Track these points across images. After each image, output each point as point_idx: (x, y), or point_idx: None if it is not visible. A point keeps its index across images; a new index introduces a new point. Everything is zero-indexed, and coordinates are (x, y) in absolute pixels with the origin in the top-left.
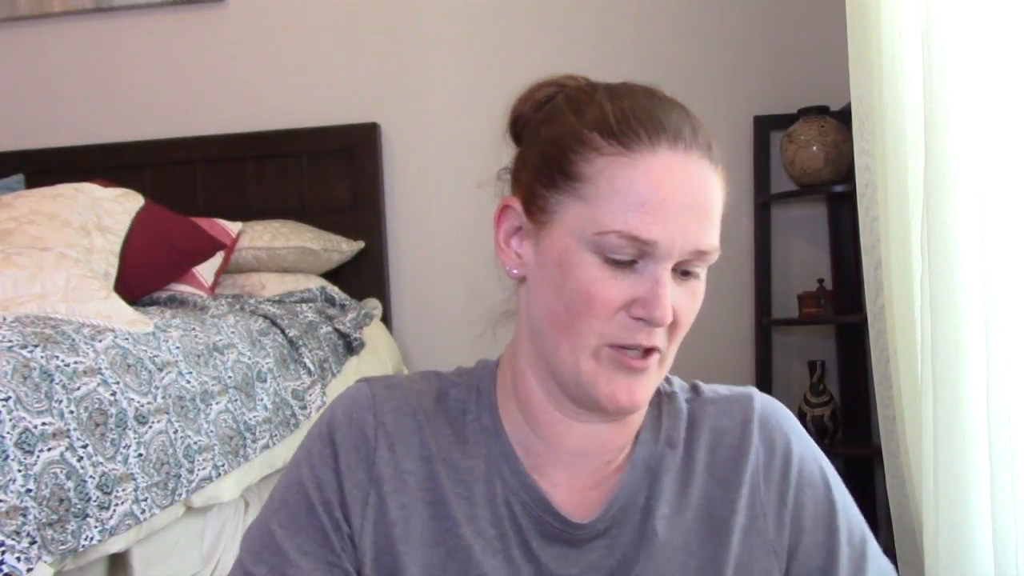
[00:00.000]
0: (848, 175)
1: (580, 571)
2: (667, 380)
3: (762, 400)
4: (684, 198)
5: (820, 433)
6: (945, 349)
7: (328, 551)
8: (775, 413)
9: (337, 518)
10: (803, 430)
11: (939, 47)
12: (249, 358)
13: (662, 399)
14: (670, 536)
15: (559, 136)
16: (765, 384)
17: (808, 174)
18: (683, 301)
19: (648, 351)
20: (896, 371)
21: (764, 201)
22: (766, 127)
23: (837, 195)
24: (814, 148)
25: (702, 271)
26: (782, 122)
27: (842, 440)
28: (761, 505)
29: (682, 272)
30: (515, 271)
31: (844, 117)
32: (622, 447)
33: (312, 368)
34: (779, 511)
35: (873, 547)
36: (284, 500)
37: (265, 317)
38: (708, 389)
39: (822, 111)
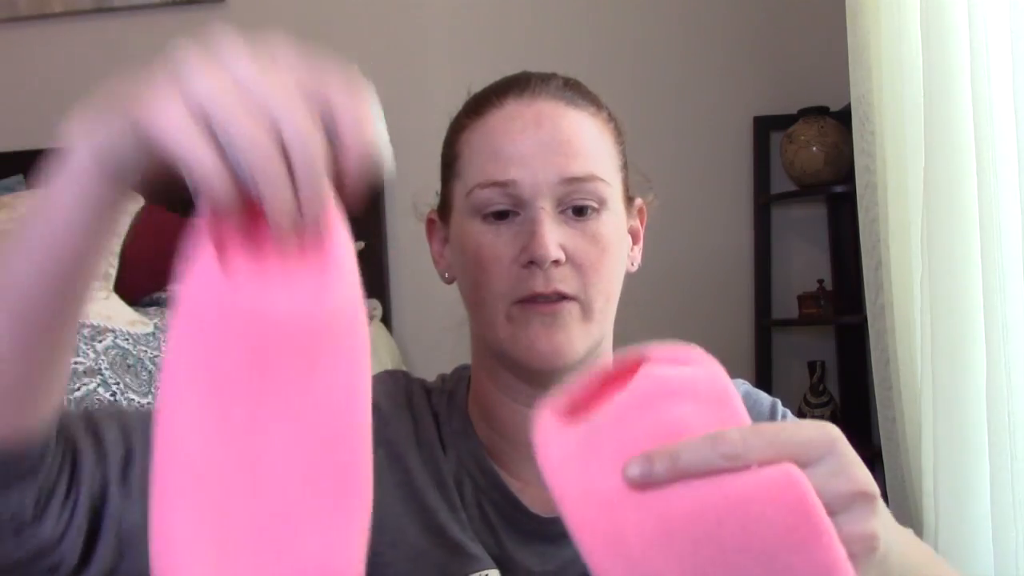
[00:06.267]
0: (848, 175)
1: (556, 568)
2: None
3: (744, 387)
4: (535, 136)
5: None
6: (945, 349)
7: None
8: (758, 398)
9: None
10: (790, 412)
11: (939, 47)
12: None
13: None
14: None
15: (446, 136)
16: (765, 384)
17: (808, 175)
18: (578, 242)
19: (560, 298)
20: (896, 371)
21: (764, 202)
22: (766, 127)
23: (837, 195)
24: (814, 148)
25: (600, 211)
26: (782, 122)
27: None
28: None
29: (573, 211)
30: (445, 274)
31: (844, 117)
32: None
33: None
34: None
35: None
36: None
37: None
38: None
39: (822, 111)
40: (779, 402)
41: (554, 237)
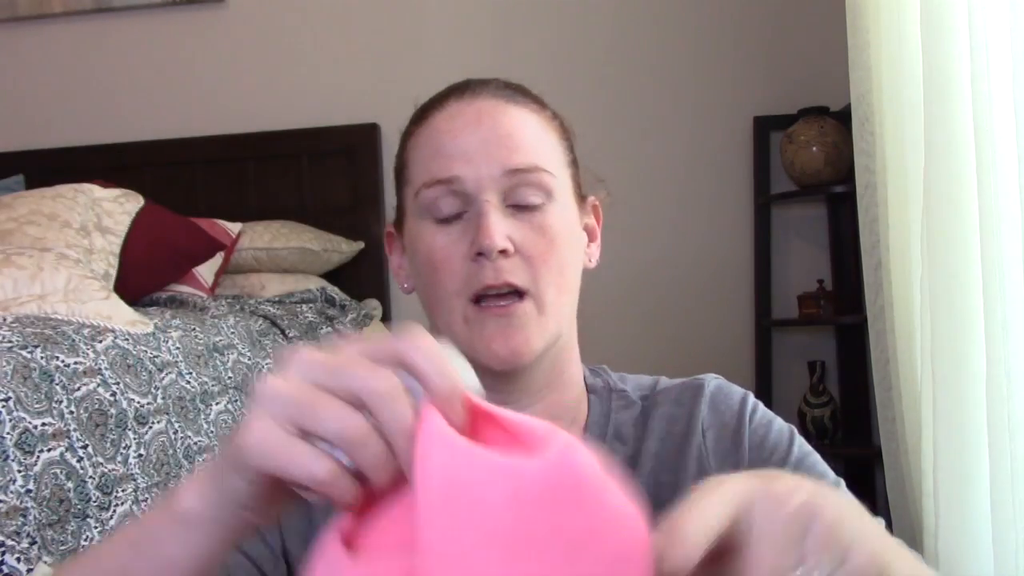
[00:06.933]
0: (848, 175)
1: None
2: (621, 378)
3: (716, 382)
4: (476, 132)
5: (820, 433)
6: (945, 349)
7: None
8: (729, 391)
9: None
10: (760, 404)
11: (939, 47)
12: (249, 358)
13: (612, 395)
14: None
15: (398, 150)
16: (765, 384)
17: (808, 175)
18: (526, 233)
19: (513, 294)
20: (896, 371)
21: (764, 202)
22: (766, 127)
23: (837, 195)
24: (814, 148)
25: (547, 202)
26: (782, 122)
27: (842, 440)
28: (711, 469)
29: (519, 206)
30: (405, 284)
31: (844, 117)
32: None
33: None
34: (736, 467)
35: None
36: None
37: (265, 318)
38: (665, 381)
39: (822, 111)
40: (750, 395)
41: (501, 228)
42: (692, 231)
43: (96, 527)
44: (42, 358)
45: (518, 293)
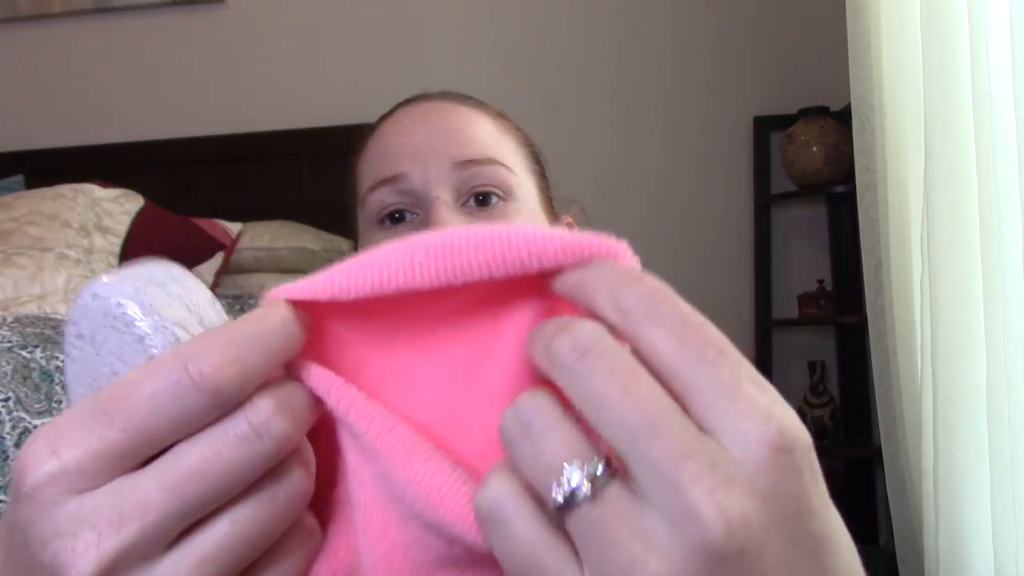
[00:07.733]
0: (848, 175)
1: None
2: None
3: None
4: (423, 129)
5: (820, 434)
6: (945, 349)
7: None
8: None
9: None
10: None
11: (939, 47)
12: None
13: None
14: None
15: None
16: None
17: (808, 175)
18: None
19: None
20: (896, 371)
21: (764, 202)
22: (766, 127)
23: (837, 195)
24: (814, 149)
25: (508, 201)
26: (782, 122)
27: (842, 440)
28: None
29: (476, 202)
30: None
31: (844, 117)
32: None
33: None
34: None
35: None
36: None
37: None
38: None
39: (822, 111)
40: None
41: (454, 222)
42: (692, 231)
43: None
44: (42, 358)
45: None
